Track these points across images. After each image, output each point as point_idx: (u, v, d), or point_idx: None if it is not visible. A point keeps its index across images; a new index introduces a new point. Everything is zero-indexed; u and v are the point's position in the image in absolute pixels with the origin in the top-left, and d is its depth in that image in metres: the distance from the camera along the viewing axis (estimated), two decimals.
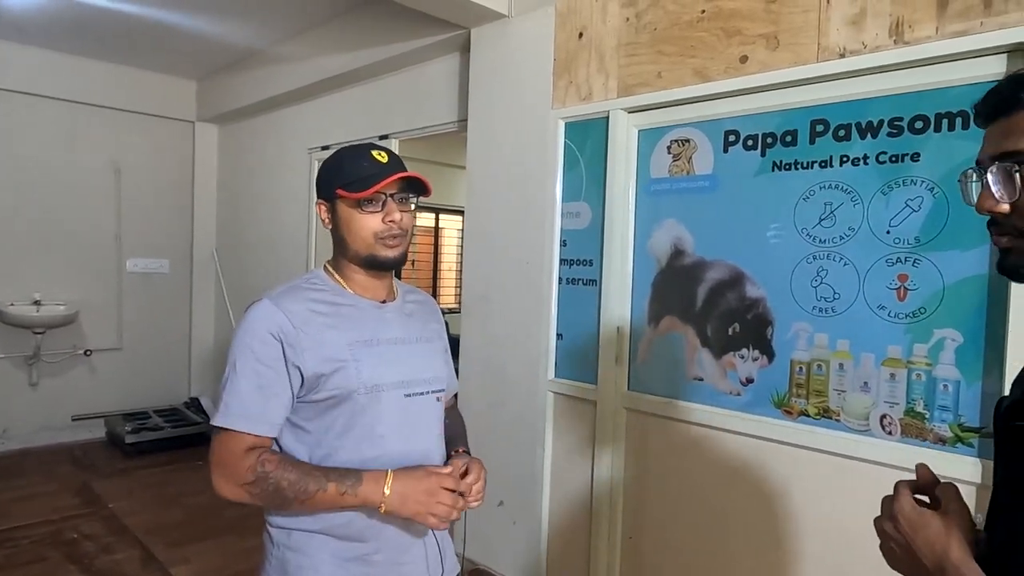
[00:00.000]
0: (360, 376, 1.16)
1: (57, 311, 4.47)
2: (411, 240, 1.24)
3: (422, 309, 1.36)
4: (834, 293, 1.87)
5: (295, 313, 1.14)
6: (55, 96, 4.45)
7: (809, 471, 1.89)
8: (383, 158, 1.18)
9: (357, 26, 3.43)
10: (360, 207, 1.17)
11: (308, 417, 1.17)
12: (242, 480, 1.11)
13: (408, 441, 1.21)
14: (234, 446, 1.12)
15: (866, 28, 1.73)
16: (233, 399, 1.13)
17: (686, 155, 2.19)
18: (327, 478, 1.11)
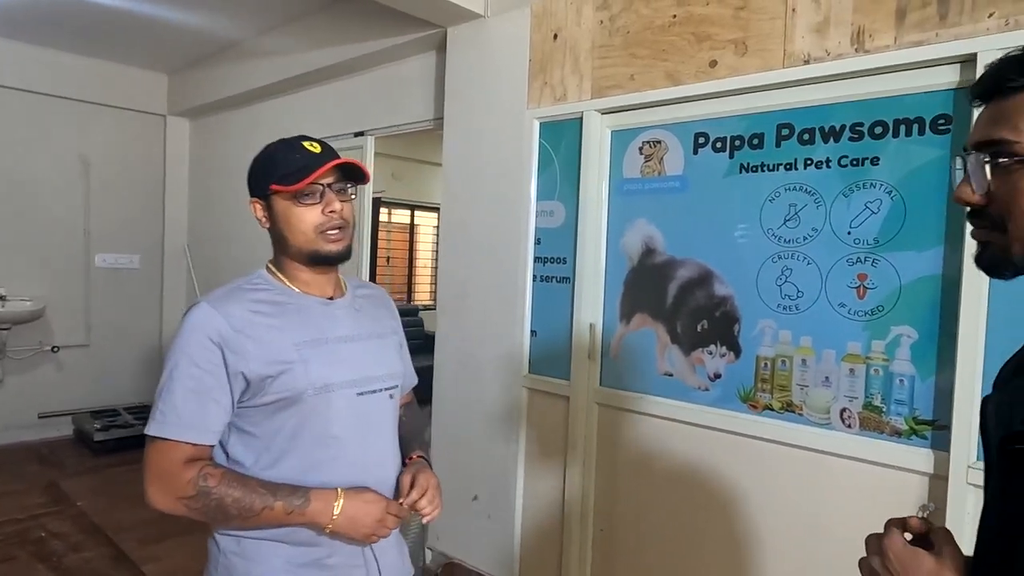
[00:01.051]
0: (308, 376, 1.12)
1: (23, 307, 4.39)
2: (354, 232, 1.20)
3: (373, 303, 1.32)
4: (798, 291, 1.93)
5: (235, 316, 1.10)
6: (21, 88, 4.36)
7: (774, 464, 1.96)
8: (316, 148, 1.14)
9: (333, 22, 3.43)
10: (297, 200, 1.12)
11: (256, 421, 1.12)
12: (181, 494, 1.05)
13: (363, 442, 1.18)
14: (172, 456, 1.06)
15: (829, 36, 1.80)
16: (169, 407, 1.07)
17: (657, 156, 2.24)
18: (274, 496, 1.07)
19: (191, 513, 1.07)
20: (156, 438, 1.07)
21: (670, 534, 2.18)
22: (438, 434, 2.89)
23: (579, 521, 2.40)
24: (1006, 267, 0.68)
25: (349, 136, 3.59)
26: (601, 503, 2.38)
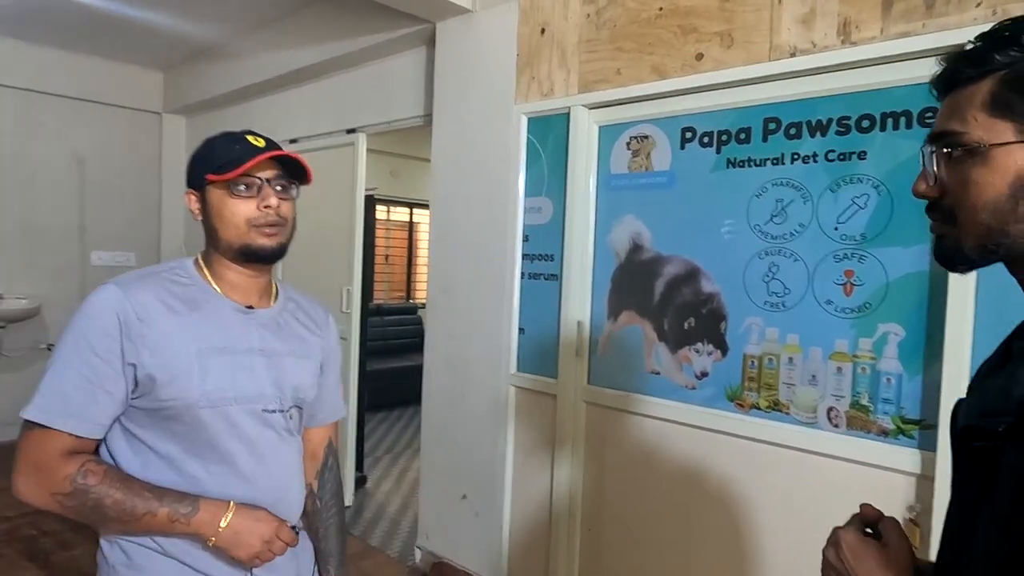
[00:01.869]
0: (204, 386, 1.03)
1: (19, 305, 4.39)
2: (292, 232, 1.13)
3: (303, 320, 1.23)
4: (784, 288, 1.90)
5: (143, 304, 1.01)
6: (16, 85, 4.36)
7: (761, 463, 1.93)
8: (259, 142, 1.08)
9: (324, 18, 3.41)
10: (231, 191, 1.06)
11: (144, 424, 1.04)
12: (56, 489, 0.96)
13: (260, 461, 1.09)
14: (51, 447, 0.97)
15: (815, 27, 1.76)
16: (55, 391, 0.98)
17: (645, 151, 2.21)
18: (160, 501, 0.99)
19: (63, 511, 0.98)
20: (35, 424, 0.97)
21: (658, 534, 2.16)
22: (428, 432, 2.87)
23: (567, 520, 2.37)
24: (960, 260, 0.67)
25: (341, 133, 3.57)
26: (589, 502, 2.35)
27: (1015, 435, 0.58)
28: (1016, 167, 0.61)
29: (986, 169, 0.62)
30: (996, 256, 0.64)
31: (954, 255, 0.67)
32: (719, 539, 2.01)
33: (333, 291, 3.54)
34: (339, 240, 3.54)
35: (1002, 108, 0.61)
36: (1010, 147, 0.61)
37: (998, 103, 0.61)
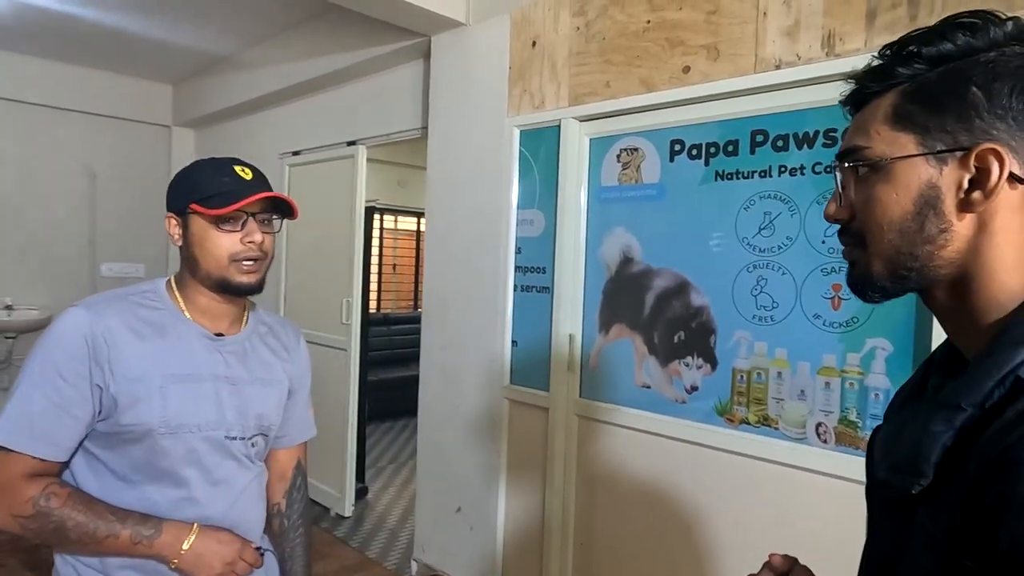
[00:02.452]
0: (165, 412, 1.04)
1: (30, 316, 4.46)
2: (271, 264, 1.14)
3: (268, 345, 1.22)
4: (773, 302, 1.88)
5: (110, 329, 1.02)
6: (28, 101, 4.44)
7: (752, 479, 1.90)
8: (247, 174, 1.09)
9: (325, 32, 3.44)
10: (217, 225, 1.06)
11: (103, 446, 1.04)
12: (17, 512, 0.97)
13: (217, 487, 1.10)
14: (13, 468, 0.97)
15: (800, 40, 1.75)
16: (19, 413, 0.98)
17: (635, 164, 2.20)
18: (122, 524, 0.99)
19: (24, 532, 0.98)
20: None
21: (649, 548, 2.13)
22: (423, 444, 2.87)
23: (559, 534, 2.36)
24: (870, 287, 0.62)
25: (342, 145, 3.59)
26: (581, 516, 2.33)
27: (928, 496, 0.55)
28: (919, 182, 0.57)
29: (889, 185, 0.59)
30: (908, 283, 0.60)
31: (864, 282, 0.62)
32: (709, 555, 1.98)
33: (333, 303, 3.56)
34: (340, 251, 3.56)
35: (904, 121, 0.58)
36: (913, 160, 0.57)
37: (900, 116, 0.58)
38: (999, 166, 0.54)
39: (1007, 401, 0.51)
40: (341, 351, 3.52)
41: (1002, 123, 0.54)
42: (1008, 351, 0.52)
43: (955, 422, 0.53)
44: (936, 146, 0.56)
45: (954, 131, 0.56)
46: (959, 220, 0.56)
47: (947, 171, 0.56)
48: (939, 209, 0.57)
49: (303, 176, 3.91)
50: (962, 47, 0.56)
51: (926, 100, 0.57)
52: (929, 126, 0.57)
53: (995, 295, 0.56)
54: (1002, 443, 0.49)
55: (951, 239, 0.57)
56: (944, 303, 0.61)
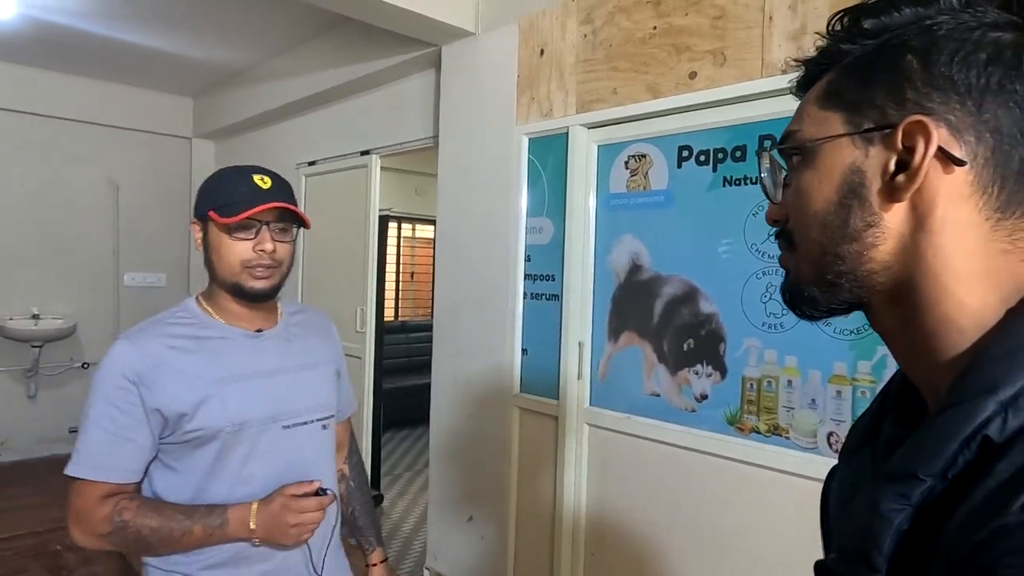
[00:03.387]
0: (226, 413, 1.11)
1: (55, 325, 4.56)
2: (287, 272, 1.18)
3: (306, 331, 1.29)
4: (783, 309, 1.84)
5: (151, 354, 1.08)
6: (54, 115, 4.56)
7: (762, 489, 1.87)
8: (265, 183, 1.12)
9: (339, 44, 3.49)
10: (230, 233, 1.10)
11: (176, 456, 1.12)
12: (99, 531, 1.05)
13: (284, 476, 1.15)
14: (88, 494, 1.06)
15: (806, 44, 1.73)
16: (84, 447, 1.07)
17: (643, 170, 2.19)
18: (191, 519, 1.06)
19: (115, 548, 1.09)
20: (73, 478, 1.07)
21: (660, 559, 2.10)
22: (435, 453, 2.87)
23: (570, 544, 2.34)
24: (802, 300, 0.53)
25: (356, 155, 3.63)
26: (592, 526, 2.31)
27: None
28: (843, 167, 0.48)
29: (814, 172, 0.50)
30: (841, 292, 0.50)
31: (796, 293, 0.53)
32: (720, 565, 1.95)
33: (348, 311, 3.59)
34: (354, 260, 3.59)
35: (834, 98, 0.49)
36: (838, 141, 0.48)
37: (831, 93, 0.50)
38: (924, 141, 0.44)
39: (975, 470, 0.40)
40: (356, 359, 3.54)
41: (939, 94, 0.44)
42: (974, 402, 0.40)
43: (911, 497, 0.42)
44: (863, 124, 0.47)
45: (883, 105, 0.46)
46: (886, 211, 0.47)
47: (873, 152, 0.47)
48: (864, 197, 0.47)
49: (319, 186, 3.95)
50: (908, 16, 0.47)
51: (859, 73, 0.48)
52: (859, 101, 0.48)
53: (950, 315, 0.45)
54: (970, 541, 0.37)
55: (881, 236, 0.47)
56: (888, 323, 0.50)
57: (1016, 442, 0.39)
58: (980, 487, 0.39)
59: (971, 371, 0.42)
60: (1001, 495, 0.37)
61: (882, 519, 0.43)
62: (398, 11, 2.51)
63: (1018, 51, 0.44)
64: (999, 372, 0.40)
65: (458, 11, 2.62)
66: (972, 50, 0.44)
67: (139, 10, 3.41)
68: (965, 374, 0.43)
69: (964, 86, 0.44)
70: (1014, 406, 0.39)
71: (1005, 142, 0.44)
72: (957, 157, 0.44)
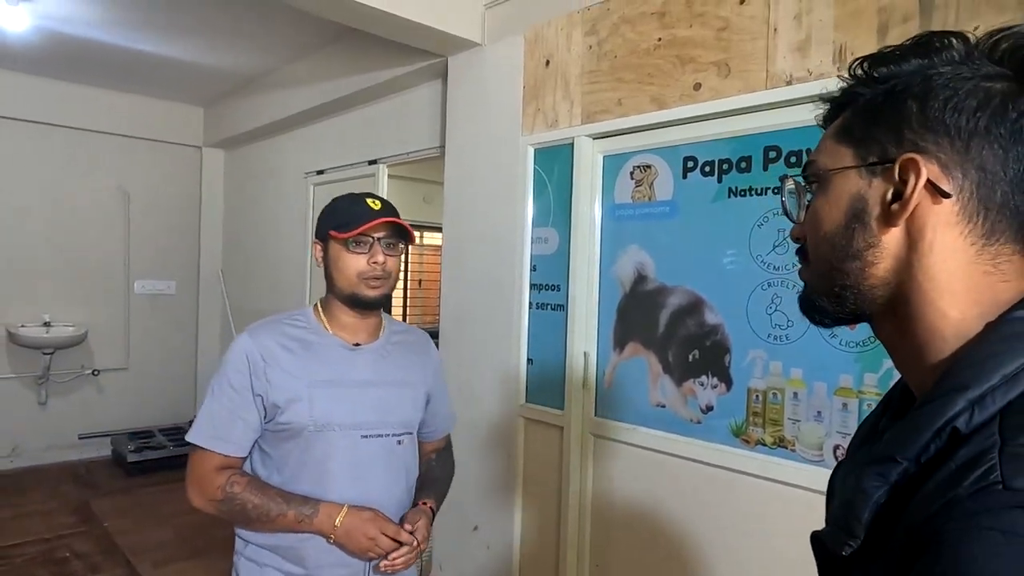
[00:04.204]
0: (312, 413, 1.24)
1: (66, 332, 4.60)
2: (395, 283, 1.32)
3: (405, 351, 1.41)
4: (788, 320, 1.84)
5: (265, 347, 1.26)
6: (66, 124, 4.62)
7: (768, 502, 1.86)
8: (376, 205, 1.27)
9: (345, 54, 3.51)
10: (348, 248, 1.26)
11: (271, 443, 1.28)
12: (212, 497, 1.22)
13: (357, 481, 1.28)
14: (206, 463, 1.24)
15: (811, 55, 1.73)
16: (205, 419, 1.25)
17: (648, 181, 2.19)
18: (288, 504, 1.21)
19: (219, 514, 1.23)
20: (195, 445, 1.25)
21: (665, 571, 2.09)
22: None
23: (575, 556, 2.33)
24: (814, 308, 0.61)
25: (364, 164, 3.65)
26: (596, 538, 2.30)
27: (861, 560, 0.52)
28: (849, 194, 0.56)
29: (826, 198, 0.58)
30: (846, 304, 0.58)
31: (809, 302, 0.62)
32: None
33: None
34: None
35: (846, 134, 0.58)
36: (847, 172, 0.57)
37: (845, 130, 0.58)
38: (915, 175, 0.52)
39: (943, 455, 0.47)
40: None
41: (932, 135, 0.52)
42: (947, 398, 0.48)
43: (889, 477, 0.50)
44: (868, 158, 0.56)
45: (885, 142, 0.55)
46: (884, 234, 0.54)
47: (875, 183, 0.55)
48: (866, 222, 0.55)
49: (327, 194, 3.95)
50: (914, 66, 0.55)
51: (867, 114, 0.57)
52: (866, 138, 0.56)
53: (935, 326, 0.53)
54: (927, 511, 0.45)
55: (880, 256, 0.55)
56: (887, 333, 0.58)
57: (978, 433, 0.46)
58: (943, 468, 0.46)
59: (948, 374, 0.50)
60: (957, 474, 0.45)
61: (863, 494, 0.51)
62: (405, 23, 2.52)
63: (1006, 99, 0.51)
64: (970, 375, 0.48)
65: (464, 23, 2.64)
66: (964, 97, 0.51)
67: (150, 21, 3.45)
68: (943, 376, 0.50)
69: (955, 129, 0.51)
70: (980, 404, 0.47)
71: (989, 178, 0.51)
72: (944, 190, 0.51)
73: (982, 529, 0.41)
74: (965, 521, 0.42)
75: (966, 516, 0.42)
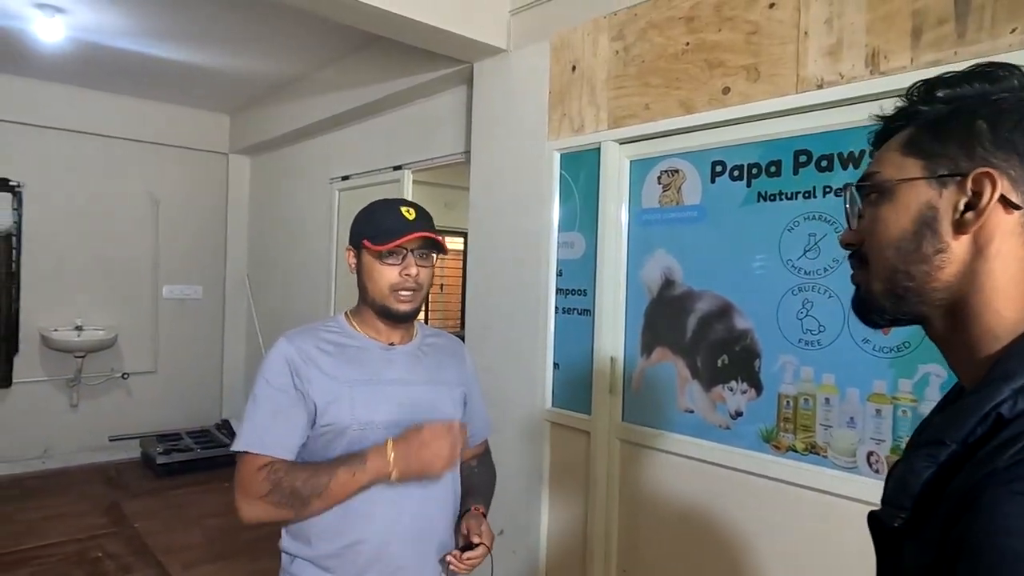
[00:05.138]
0: (353, 412, 1.24)
1: (97, 336, 4.69)
2: (426, 295, 1.34)
3: (439, 352, 1.42)
4: (819, 326, 1.83)
5: (304, 350, 1.27)
6: (98, 133, 4.71)
7: (798, 508, 1.84)
8: (410, 215, 1.27)
9: (370, 61, 3.55)
10: (381, 259, 1.26)
11: (313, 450, 1.26)
12: (260, 493, 1.18)
13: (403, 483, 1.25)
14: (250, 466, 1.21)
15: (843, 59, 1.72)
16: (249, 426, 1.23)
17: (675, 185, 2.19)
18: (334, 466, 1.19)
19: (277, 508, 1.18)
20: (240, 452, 1.23)
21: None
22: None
23: (602, 560, 2.32)
24: (872, 309, 0.66)
25: (388, 170, 3.68)
26: (624, 543, 2.30)
27: (911, 531, 0.55)
28: (919, 203, 0.60)
29: (892, 206, 0.62)
30: (906, 305, 0.62)
31: (866, 303, 0.66)
32: None
33: None
34: None
35: (913, 148, 0.62)
36: (916, 183, 0.61)
37: (912, 144, 0.63)
38: (991, 188, 0.57)
39: (986, 438, 0.52)
40: None
41: (1003, 153, 0.58)
42: (994, 387, 0.53)
43: (938, 457, 0.55)
44: (938, 170, 0.60)
45: (956, 157, 0.59)
46: (955, 240, 0.59)
47: (946, 193, 0.60)
48: (936, 229, 0.60)
49: (352, 200, 4.01)
50: (977, 90, 0.60)
51: (936, 130, 0.61)
52: (935, 152, 0.60)
53: (991, 326, 0.58)
54: (970, 481, 0.50)
55: (947, 260, 0.59)
56: (942, 332, 0.63)
57: (1020, 418, 0.51)
58: (985, 448, 0.51)
59: (996, 365, 0.55)
60: (997, 450, 0.50)
61: (914, 472, 0.56)
62: (431, 30, 2.55)
63: None
64: (1016, 366, 0.54)
65: (490, 29, 2.66)
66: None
67: (179, 31, 3.52)
68: (992, 367, 0.56)
69: (1022, 148, 0.58)
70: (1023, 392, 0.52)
71: None
72: (1015, 202, 0.57)
73: (1015, 494, 0.47)
74: (1002, 487, 0.48)
75: (1002, 483, 0.48)
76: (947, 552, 0.49)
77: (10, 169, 4.41)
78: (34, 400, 4.58)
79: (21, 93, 4.40)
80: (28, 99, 4.43)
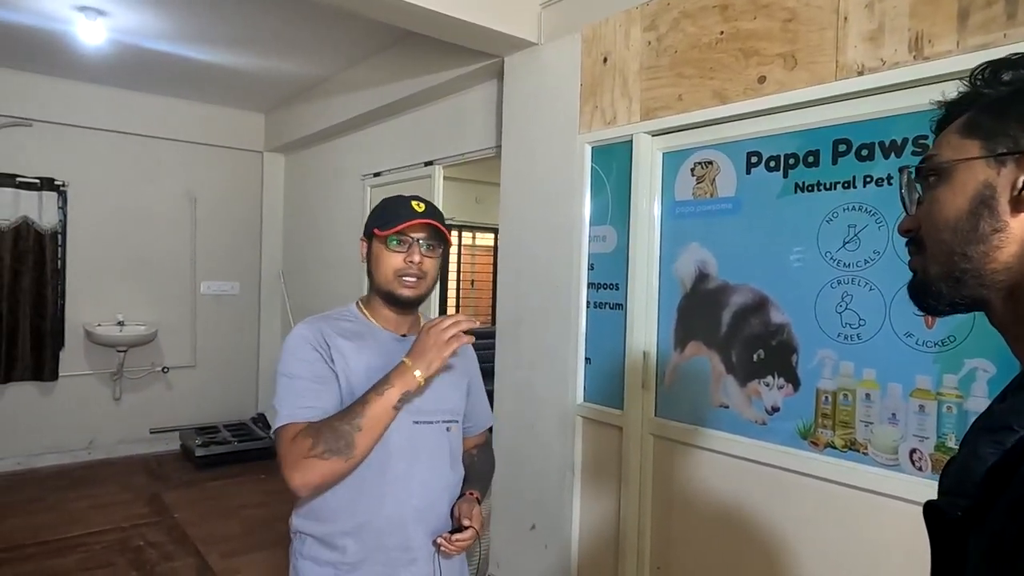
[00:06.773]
0: None
1: (138, 331, 4.82)
2: (432, 285, 1.36)
3: None
4: (859, 319, 1.78)
5: (325, 333, 1.30)
6: (137, 132, 4.83)
7: (836, 506, 1.80)
8: (420, 207, 1.31)
9: (402, 58, 3.57)
10: (387, 246, 1.30)
11: None
12: (304, 452, 1.16)
13: (411, 465, 1.30)
14: (287, 433, 1.21)
15: (884, 44, 1.67)
16: (284, 402, 1.24)
17: (709, 177, 2.15)
18: (363, 398, 1.21)
19: (325, 462, 1.16)
20: (279, 428, 1.23)
21: (728, 575, 2.05)
22: (498, 462, 2.87)
23: (635, 556, 2.30)
24: (929, 294, 0.64)
25: (420, 166, 3.70)
26: (657, 540, 2.27)
27: (974, 520, 0.53)
28: (976, 183, 0.59)
29: (949, 187, 0.61)
30: (964, 288, 0.60)
31: (923, 288, 0.64)
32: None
33: None
34: None
35: (973, 129, 0.61)
36: (973, 163, 0.60)
37: (971, 125, 0.62)
38: None
39: None
40: None
41: None
42: None
43: (1005, 444, 0.53)
44: (997, 149, 0.58)
45: (1016, 135, 0.58)
46: (1013, 218, 0.57)
47: (1004, 172, 0.58)
48: (993, 208, 0.58)
49: (384, 196, 4.03)
50: None
51: (996, 111, 0.60)
52: (994, 131, 0.59)
53: None
54: None
55: (1006, 240, 0.57)
56: (1004, 316, 0.60)
57: None
58: None
59: None
60: None
61: (978, 459, 0.55)
62: (462, 24, 2.55)
63: None
64: None
65: (521, 22, 2.64)
66: None
67: (216, 33, 3.58)
68: None
69: None
70: None
71: None
72: None
73: None
74: None
75: None
76: (1016, 535, 0.48)
77: (56, 169, 4.55)
78: (79, 393, 4.72)
79: (65, 95, 4.53)
80: (72, 101, 4.56)
